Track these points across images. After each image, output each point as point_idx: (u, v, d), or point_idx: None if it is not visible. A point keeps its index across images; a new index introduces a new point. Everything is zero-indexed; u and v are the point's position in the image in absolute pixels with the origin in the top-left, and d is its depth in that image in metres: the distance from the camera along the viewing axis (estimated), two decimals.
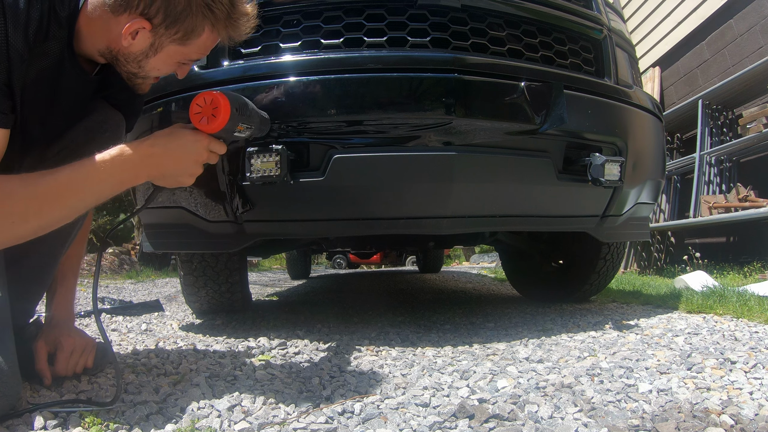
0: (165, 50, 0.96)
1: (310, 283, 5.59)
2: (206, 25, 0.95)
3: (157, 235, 1.81)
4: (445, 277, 6.10)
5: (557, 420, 0.89)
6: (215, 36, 0.98)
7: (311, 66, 1.43)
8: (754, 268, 3.82)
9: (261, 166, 1.37)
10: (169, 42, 0.95)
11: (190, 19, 0.92)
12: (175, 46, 0.96)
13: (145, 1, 0.89)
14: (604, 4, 1.85)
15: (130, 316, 2.44)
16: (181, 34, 0.94)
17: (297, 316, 2.36)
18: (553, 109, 1.47)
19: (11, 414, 0.87)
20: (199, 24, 0.94)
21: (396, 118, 1.43)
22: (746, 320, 1.79)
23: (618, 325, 1.81)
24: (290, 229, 1.64)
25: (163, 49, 0.96)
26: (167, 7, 0.90)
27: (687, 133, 5.44)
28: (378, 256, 12.99)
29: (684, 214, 5.11)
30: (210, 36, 0.97)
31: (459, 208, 1.54)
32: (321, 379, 1.20)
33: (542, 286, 2.74)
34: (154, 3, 0.89)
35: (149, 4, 0.89)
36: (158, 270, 7.53)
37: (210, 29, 0.96)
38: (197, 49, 0.99)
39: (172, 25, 0.92)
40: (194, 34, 0.95)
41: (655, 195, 2.05)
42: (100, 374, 1.16)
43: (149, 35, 0.93)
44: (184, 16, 0.91)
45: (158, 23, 0.91)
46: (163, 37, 0.94)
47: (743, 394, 0.98)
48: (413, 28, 1.48)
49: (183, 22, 0.92)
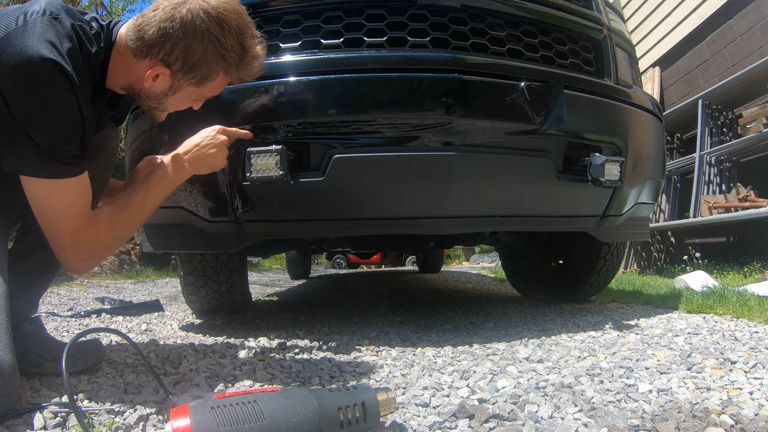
0: (183, 91, 1.07)
1: (310, 283, 5.59)
2: (220, 71, 1.05)
3: (157, 235, 1.81)
4: (445, 277, 6.10)
5: (557, 420, 0.89)
6: (228, 78, 1.09)
7: (311, 66, 1.43)
8: (754, 268, 3.82)
9: (261, 166, 1.37)
10: (186, 84, 1.05)
11: (206, 66, 1.03)
12: (192, 87, 1.07)
13: (165, 50, 0.99)
14: (604, 4, 1.85)
15: (130, 316, 2.44)
16: (197, 79, 1.04)
17: (297, 316, 2.36)
18: (553, 109, 1.47)
19: (11, 414, 0.87)
20: (214, 70, 1.04)
21: (396, 118, 1.43)
22: (746, 320, 1.79)
23: (618, 325, 1.81)
24: (290, 229, 1.64)
25: (181, 90, 1.07)
26: (185, 56, 1.00)
27: (687, 133, 5.44)
28: (378, 256, 12.99)
29: (684, 214, 5.11)
30: (223, 79, 1.08)
31: (459, 208, 1.53)
32: (321, 379, 1.20)
33: (542, 286, 2.74)
34: (173, 52, 0.99)
35: (169, 52, 0.99)
36: (158, 270, 7.53)
37: (224, 73, 1.07)
38: (212, 90, 1.10)
39: (189, 71, 1.02)
40: (209, 78, 1.05)
41: (655, 195, 2.05)
42: (99, 374, 1.16)
43: (169, 79, 1.03)
44: (200, 64, 1.02)
45: (177, 70, 1.02)
46: (181, 81, 1.04)
47: (743, 394, 0.98)
48: (413, 28, 1.48)
49: (200, 69, 1.02)
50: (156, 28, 0.97)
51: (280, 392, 0.80)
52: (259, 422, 0.73)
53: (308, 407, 0.77)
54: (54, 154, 0.91)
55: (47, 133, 0.89)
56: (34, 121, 0.88)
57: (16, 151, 0.90)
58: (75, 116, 0.91)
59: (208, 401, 0.75)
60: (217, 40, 0.99)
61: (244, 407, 0.74)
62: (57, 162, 0.92)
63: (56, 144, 0.90)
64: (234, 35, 1.01)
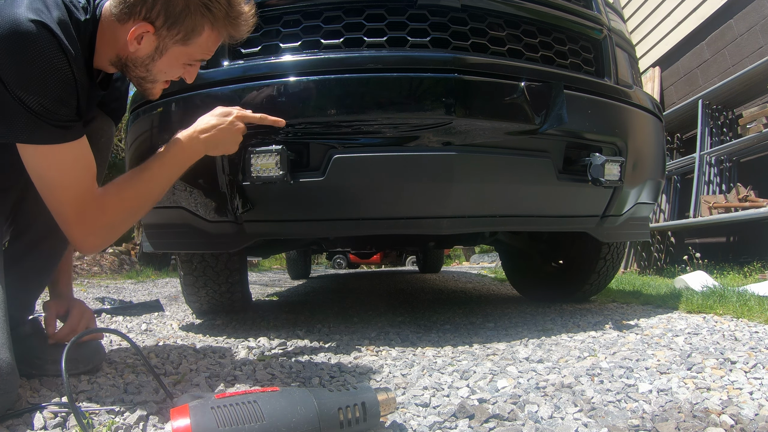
0: (170, 52, 1.02)
1: (310, 283, 5.59)
2: (206, 24, 1.00)
3: (157, 235, 1.81)
4: (445, 277, 6.10)
5: (557, 420, 0.89)
6: (216, 35, 1.03)
7: (311, 66, 1.43)
8: (754, 268, 3.82)
9: (261, 166, 1.37)
10: (172, 43, 1.01)
11: (190, 19, 0.98)
12: (178, 47, 1.01)
13: (146, 6, 0.95)
14: (604, 4, 1.85)
15: (130, 316, 2.44)
16: (182, 35, 1.00)
17: (297, 316, 2.36)
18: (553, 109, 1.47)
19: (11, 414, 0.87)
20: (199, 23, 0.99)
21: (396, 118, 1.43)
22: (746, 320, 1.79)
23: (618, 325, 1.81)
24: (290, 229, 1.64)
25: (167, 50, 1.02)
26: (167, 9, 0.96)
27: (687, 133, 5.44)
28: (378, 256, 12.99)
29: (684, 214, 5.11)
30: (211, 35, 1.02)
31: (459, 208, 1.54)
32: (321, 379, 1.20)
33: (542, 286, 2.74)
34: (155, 7, 0.95)
35: (150, 8, 0.95)
36: (158, 270, 7.53)
37: (210, 28, 1.01)
38: (199, 49, 1.04)
39: (173, 26, 0.98)
40: (194, 33, 1.00)
41: (655, 195, 2.05)
42: (99, 374, 1.16)
43: (153, 38, 0.99)
44: (183, 16, 0.97)
45: (160, 25, 0.97)
46: (166, 39, 1.00)
47: (743, 394, 0.98)
48: (413, 28, 1.48)
49: (183, 22, 0.98)
50: None
51: (280, 392, 0.80)
52: (259, 422, 0.73)
53: (308, 407, 0.77)
54: (48, 117, 0.89)
55: (40, 96, 0.87)
56: (26, 85, 0.86)
57: (9, 119, 0.88)
58: (67, 77, 0.89)
59: (208, 401, 0.75)
60: None
61: (244, 407, 0.74)
62: (52, 126, 0.90)
63: (50, 107, 0.88)
64: None
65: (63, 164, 0.95)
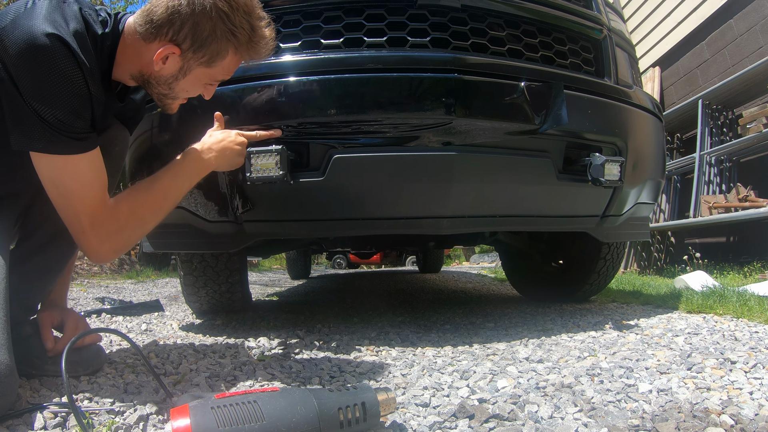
0: (193, 73, 1.05)
1: (310, 283, 5.59)
2: (230, 48, 1.04)
3: (157, 235, 1.81)
4: (445, 277, 6.10)
5: (557, 420, 0.89)
6: (238, 58, 1.07)
7: (311, 66, 1.43)
8: (754, 268, 3.82)
9: (261, 166, 1.37)
10: (196, 65, 1.04)
11: (216, 44, 1.01)
12: (202, 68, 1.05)
13: (174, 29, 0.98)
14: (604, 4, 1.85)
15: (130, 316, 2.44)
16: (207, 58, 1.03)
17: (297, 316, 2.36)
18: (553, 109, 1.47)
19: (11, 414, 0.87)
20: (224, 47, 1.03)
21: (396, 118, 1.43)
22: (746, 320, 1.79)
23: (618, 325, 1.81)
24: (290, 229, 1.64)
25: (191, 71, 1.05)
26: (194, 33, 0.99)
27: (687, 133, 5.44)
28: (378, 256, 12.98)
29: (684, 214, 5.11)
30: (233, 58, 1.07)
31: (459, 208, 1.53)
32: (321, 379, 1.21)
33: (542, 286, 2.74)
34: (182, 30, 0.98)
35: (177, 31, 0.98)
36: (158, 270, 7.53)
37: (233, 52, 1.05)
38: (222, 71, 1.08)
39: (198, 50, 1.01)
40: (219, 57, 1.04)
41: (655, 195, 2.05)
42: (99, 374, 1.16)
43: (179, 60, 1.02)
44: (209, 41, 1.00)
45: (186, 48, 1.00)
46: (191, 61, 1.03)
47: (743, 394, 0.98)
48: (413, 28, 1.48)
49: (209, 46, 1.01)
50: (164, 8, 0.97)
51: (280, 392, 0.80)
52: (259, 422, 0.73)
53: (308, 407, 0.77)
54: (63, 129, 0.91)
55: (54, 108, 0.89)
56: (41, 97, 0.88)
57: (25, 129, 0.90)
58: (82, 90, 0.91)
59: (208, 401, 0.75)
60: (226, 15, 0.99)
61: (244, 407, 0.74)
62: (66, 138, 0.92)
63: (64, 119, 0.90)
64: (242, 12, 1.01)
65: (76, 174, 0.97)
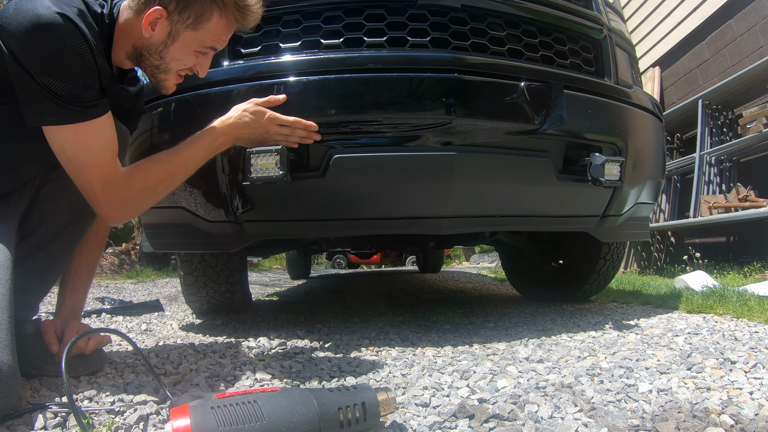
0: (181, 37, 1.09)
1: (310, 283, 5.59)
2: (214, 9, 1.08)
3: (157, 235, 1.81)
4: (445, 277, 6.10)
5: (557, 420, 0.89)
6: (225, 21, 1.10)
7: (311, 66, 1.43)
8: (754, 268, 3.82)
9: (261, 166, 1.37)
10: (183, 28, 1.07)
11: (199, 4, 1.06)
12: (189, 32, 1.08)
13: None
14: (604, 4, 1.85)
15: (130, 316, 2.44)
16: (192, 19, 1.07)
17: (297, 316, 2.36)
18: (553, 109, 1.47)
19: (11, 414, 0.87)
20: (207, 8, 1.07)
21: (396, 118, 1.43)
22: (746, 320, 1.79)
23: (618, 325, 1.81)
24: (290, 229, 1.64)
25: (179, 36, 1.08)
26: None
27: (687, 133, 5.44)
28: (378, 256, 12.98)
29: (684, 214, 5.11)
30: (219, 21, 1.10)
31: (459, 208, 1.54)
32: (321, 379, 1.21)
33: (542, 286, 2.74)
34: None
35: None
36: (158, 270, 7.53)
37: (218, 14, 1.08)
38: (210, 35, 1.11)
39: (184, 10, 1.05)
40: (204, 18, 1.07)
41: (655, 195, 2.05)
42: (99, 374, 1.15)
43: (166, 24, 1.06)
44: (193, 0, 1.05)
45: (172, 9, 1.05)
46: (178, 24, 1.07)
47: (743, 394, 0.98)
48: (413, 28, 1.48)
49: (193, 6, 1.06)
50: None
51: (280, 392, 0.80)
52: (259, 422, 0.73)
53: (308, 407, 0.77)
54: (74, 101, 0.95)
55: (65, 81, 0.93)
56: (51, 72, 0.91)
57: (37, 106, 0.94)
58: (90, 63, 0.95)
59: (208, 401, 0.75)
60: None
61: (244, 407, 0.74)
62: (77, 107, 0.96)
63: (76, 91, 0.94)
64: None
65: (89, 144, 1.00)
